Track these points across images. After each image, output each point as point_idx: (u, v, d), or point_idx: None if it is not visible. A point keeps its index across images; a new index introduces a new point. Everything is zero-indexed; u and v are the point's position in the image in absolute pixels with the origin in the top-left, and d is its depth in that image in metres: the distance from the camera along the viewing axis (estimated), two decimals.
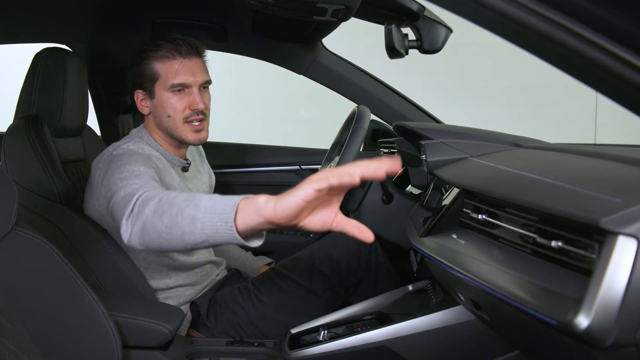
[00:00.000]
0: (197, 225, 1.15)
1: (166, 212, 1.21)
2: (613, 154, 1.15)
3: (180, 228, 1.18)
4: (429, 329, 1.51)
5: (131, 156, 1.62)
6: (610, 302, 0.77)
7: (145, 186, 1.41)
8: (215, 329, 1.84)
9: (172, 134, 1.79)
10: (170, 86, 1.74)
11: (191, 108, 1.76)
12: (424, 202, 1.66)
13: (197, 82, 1.76)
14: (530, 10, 0.86)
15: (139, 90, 1.80)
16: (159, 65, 1.75)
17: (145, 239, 1.26)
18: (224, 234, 1.12)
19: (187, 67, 1.75)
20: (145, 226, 1.24)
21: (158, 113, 1.78)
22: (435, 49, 1.80)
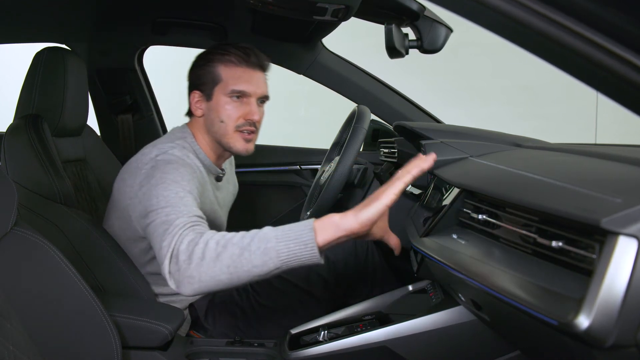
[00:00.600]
0: (271, 255, 1.24)
1: (224, 255, 1.27)
2: (613, 154, 1.15)
3: (249, 263, 1.26)
4: (429, 329, 1.51)
5: (177, 169, 1.59)
6: (611, 302, 0.77)
7: (188, 221, 1.42)
8: (214, 330, 1.84)
9: (221, 141, 1.78)
10: (230, 91, 1.73)
11: (246, 118, 1.75)
12: (424, 202, 1.65)
13: (257, 93, 1.76)
14: (530, 10, 0.86)
15: (197, 91, 1.78)
16: (224, 69, 1.74)
17: (197, 287, 1.31)
18: (303, 256, 1.24)
19: (250, 76, 1.75)
20: (200, 275, 1.29)
21: (211, 116, 1.77)
22: (435, 49, 1.80)
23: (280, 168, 2.76)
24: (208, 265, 1.29)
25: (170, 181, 1.54)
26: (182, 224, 1.41)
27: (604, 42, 0.83)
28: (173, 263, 1.35)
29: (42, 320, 1.39)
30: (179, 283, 1.33)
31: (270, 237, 1.26)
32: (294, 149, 2.81)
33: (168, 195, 1.50)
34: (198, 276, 1.30)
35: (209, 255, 1.29)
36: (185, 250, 1.33)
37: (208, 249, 1.30)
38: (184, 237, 1.36)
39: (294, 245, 1.24)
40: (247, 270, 1.27)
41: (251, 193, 2.57)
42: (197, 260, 1.30)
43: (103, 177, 2.19)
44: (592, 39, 0.84)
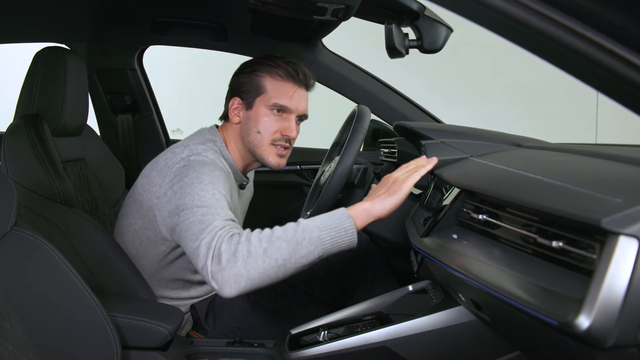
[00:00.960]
0: (317, 244, 1.36)
1: (271, 250, 1.34)
2: (614, 153, 1.15)
3: (297, 254, 1.34)
4: (430, 330, 1.50)
5: (213, 171, 1.60)
6: (611, 302, 0.77)
7: (225, 223, 1.43)
8: (214, 331, 1.84)
9: (254, 151, 1.78)
10: (272, 104, 1.74)
11: (283, 133, 1.76)
12: (424, 202, 1.65)
13: (298, 110, 1.77)
14: (530, 10, 0.86)
15: (237, 97, 1.79)
16: (270, 81, 1.75)
17: (243, 285, 1.34)
18: (344, 242, 1.39)
19: (295, 93, 1.75)
20: (249, 272, 1.33)
21: (249, 126, 1.77)
22: (435, 49, 1.80)
23: None
24: (256, 261, 1.33)
25: (207, 182, 1.54)
26: (220, 225, 1.42)
27: (604, 41, 0.83)
28: (215, 263, 1.35)
29: (42, 320, 1.39)
30: (224, 283, 1.34)
31: (312, 227, 1.36)
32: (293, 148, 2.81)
33: (205, 196, 1.51)
34: (246, 273, 1.33)
35: (256, 251, 1.33)
36: (227, 249, 1.35)
37: (252, 245, 1.34)
38: (224, 237, 1.38)
39: (335, 233, 1.37)
40: (294, 261, 1.35)
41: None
42: (244, 258, 1.33)
43: (103, 177, 2.19)
44: (593, 39, 0.84)
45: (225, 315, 1.84)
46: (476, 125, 1.69)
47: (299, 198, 2.70)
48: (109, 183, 2.25)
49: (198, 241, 1.41)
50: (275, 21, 2.12)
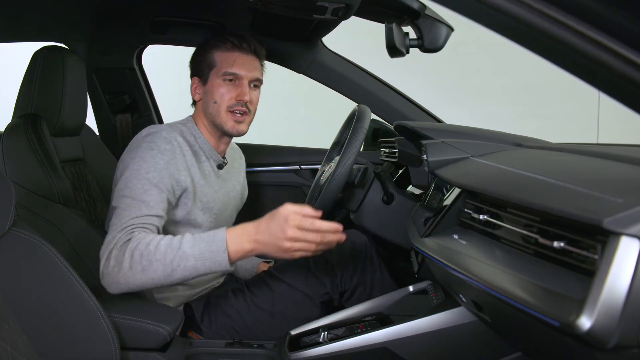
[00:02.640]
0: (191, 271, 1.51)
1: (149, 270, 1.49)
2: (616, 153, 1.15)
3: (170, 277, 1.51)
4: (430, 331, 1.50)
5: (154, 157, 1.68)
6: (613, 303, 0.77)
7: (134, 222, 1.57)
8: (210, 331, 1.84)
9: (215, 121, 1.85)
10: (223, 74, 1.83)
11: (237, 98, 1.82)
12: (425, 202, 1.65)
13: (248, 76, 1.84)
14: (531, 8, 0.85)
15: (196, 77, 1.89)
16: (219, 54, 1.85)
17: (124, 290, 1.53)
18: (216, 271, 1.54)
19: (242, 60, 1.84)
20: (128, 283, 1.51)
21: (207, 98, 1.86)
22: (436, 48, 1.79)
23: (280, 168, 2.75)
24: (134, 276, 1.49)
25: (143, 171, 1.65)
26: (126, 225, 1.56)
27: (605, 40, 0.83)
28: (105, 265, 1.52)
29: (41, 321, 1.39)
30: (107, 285, 1.53)
31: (190, 255, 1.50)
32: (293, 148, 2.80)
33: (135, 185, 1.63)
34: (126, 284, 1.51)
35: (135, 268, 1.49)
36: (115, 256, 1.51)
37: (134, 261, 1.49)
38: (119, 242, 1.53)
39: (210, 264, 1.51)
40: (169, 281, 1.52)
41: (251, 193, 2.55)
42: (125, 271, 1.49)
43: (102, 177, 2.18)
44: (594, 38, 0.83)
45: (221, 315, 1.84)
46: (477, 125, 1.69)
47: (299, 198, 2.69)
48: (107, 183, 2.24)
49: (108, 235, 1.57)
50: (275, 20, 2.12)
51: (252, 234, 1.52)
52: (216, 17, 2.33)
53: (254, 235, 1.51)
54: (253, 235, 1.51)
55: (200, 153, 1.86)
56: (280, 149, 2.81)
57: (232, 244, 1.51)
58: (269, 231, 1.49)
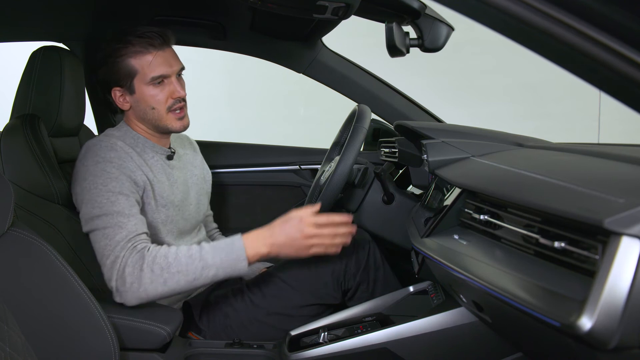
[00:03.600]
0: (211, 279, 1.58)
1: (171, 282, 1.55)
2: (617, 153, 1.15)
3: (191, 285, 1.57)
4: (430, 331, 1.50)
5: (105, 168, 1.66)
6: (614, 303, 0.77)
7: (126, 236, 1.58)
8: (208, 331, 1.83)
9: (158, 125, 1.81)
10: (150, 79, 1.76)
11: (173, 97, 1.79)
12: (425, 202, 1.65)
13: (174, 71, 1.79)
14: (532, 8, 0.85)
15: (117, 88, 1.81)
16: (134, 60, 1.76)
17: (144, 301, 1.57)
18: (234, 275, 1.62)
19: (162, 58, 1.78)
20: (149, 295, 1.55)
21: (141, 107, 1.80)
22: (436, 48, 1.79)
23: (280, 168, 2.74)
24: (156, 289, 1.54)
25: (100, 185, 1.64)
26: (120, 240, 1.57)
27: (607, 40, 0.83)
28: (120, 284, 1.54)
29: (39, 321, 1.38)
30: (127, 301, 1.55)
31: (211, 265, 1.57)
32: (293, 148, 2.80)
33: (101, 202, 1.62)
34: (147, 297, 1.55)
35: (157, 280, 1.53)
36: (131, 273, 1.53)
37: (155, 275, 1.53)
38: (127, 259, 1.55)
39: (230, 271, 1.59)
40: (189, 288, 1.59)
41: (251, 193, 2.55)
42: (146, 285, 1.53)
43: None
44: (595, 37, 0.83)
45: (219, 315, 1.84)
46: (477, 125, 1.69)
47: (299, 198, 2.69)
48: None
49: (104, 259, 1.58)
50: (275, 20, 2.11)
51: (267, 237, 1.61)
52: (216, 17, 2.32)
53: (269, 239, 1.61)
54: (269, 239, 1.61)
55: (145, 151, 1.83)
56: (279, 149, 2.81)
57: (250, 248, 1.60)
58: (284, 233, 1.61)
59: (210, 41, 2.51)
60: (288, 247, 1.61)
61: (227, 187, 2.67)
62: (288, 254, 1.63)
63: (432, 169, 1.49)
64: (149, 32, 1.77)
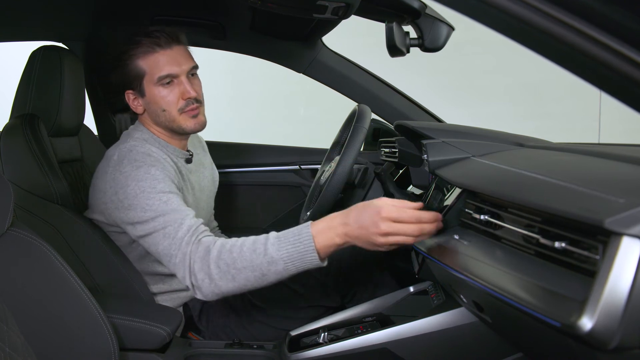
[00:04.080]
0: (282, 274, 1.48)
1: (239, 277, 1.48)
2: (617, 153, 1.15)
3: (261, 281, 1.50)
4: (431, 331, 1.49)
5: (149, 172, 1.63)
6: (615, 304, 0.77)
7: (187, 231, 1.55)
8: (207, 331, 1.83)
9: (171, 127, 1.77)
10: (157, 80, 1.72)
11: (184, 98, 1.74)
12: (425, 202, 1.64)
13: (183, 70, 1.74)
14: (532, 8, 0.85)
15: (129, 90, 1.78)
16: (142, 61, 1.72)
17: (219, 296, 1.53)
18: (307, 267, 1.47)
19: (169, 57, 1.73)
20: (221, 290, 1.51)
21: (153, 109, 1.76)
22: (436, 47, 1.79)
23: (280, 168, 2.75)
24: (227, 284, 1.49)
25: (148, 188, 1.60)
26: (184, 236, 1.54)
27: (607, 40, 0.83)
28: (194, 279, 1.51)
29: (39, 321, 1.38)
30: (205, 294, 1.53)
31: (278, 259, 1.45)
32: (293, 148, 2.80)
33: (153, 204, 1.59)
34: (220, 292, 1.51)
35: (225, 277, 1.48)
36: (201, 269, 1.50)
37: (222, 272, 1.48)
38: (195, 256, 1.51)
39: (300, 264, 1.45)
40: (262, 285, 1.51)
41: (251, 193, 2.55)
42: (217, 280, 1.49)
43: None
44: (596, 37, 0.83)
45: (218, 314, 1.84)
46: (478, 125, 1.69)
47: (299, 198, 2.69)
48: None
49: (172, 261, 1.56)
50: (275, 19, 2.11)
51: (340, 227, 1.42)
52: (216, 17, 2.32)
53: (342, 229, 1.41)
54: (342, 229, 1.41)
55: (170, 155, 1.78)
56: (279, 149, 2.81)
57: (320, 240, 1.43)
58: (359, 224, 1.38)
59: (210, 41, 2.51)
60: (362, 240, 1.38)
61: (228, 187, 2.66)
62: (362, 246, 1.41)
63: (432, 169, 1.49)
64: (156, 32, 1.73)
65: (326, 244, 1.43)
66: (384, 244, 1.36)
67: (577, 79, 0.91)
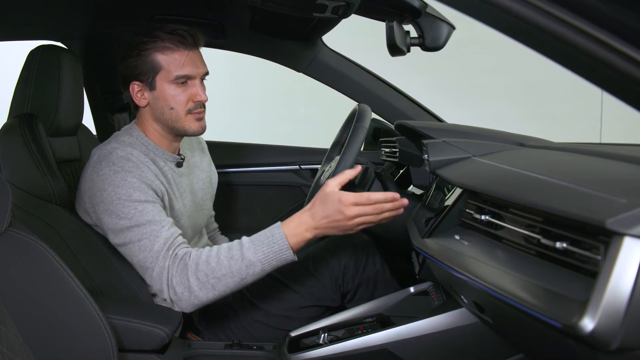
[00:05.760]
0: (259, 274, 1.58)
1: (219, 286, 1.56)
2: (619, 153, 1.15)
3: (239, 284, 1.58)
4: (431, 332, 1.49)
5: (125, 178, 1.64)
6: (616, 304, 0.76)
7: (164, 244, 1.60)
8: (206, 332, 1.83)
9: (174, 126, 1.77)
10: (174, 78, 1.71)
11: (194, 100, 1.74)
12: (426, 202, 1.64)
13: (199, 73, 1.75)
14: (534, 7, 0.85)
15: (136, 82, 1.76)
16: (162, 56, 1.71)
17: (198, 306, 1.61)
18: (282, 264, 1.59)
19: (190, 58, 1.73)
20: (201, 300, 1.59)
21: (159, 105, 1.75)
22: (437, 47, 1.78)
23: (279, 168, 2.74)
24: (207, 294, 1.57)
25: (124, 196, 1.62)
26: (160, 250, 1.60)
27: (608, 39, 0.83)
28: (172, 294, 1.59)
29: (37, 322, 1.38)
30: (183, 308, 1.61)
31: (255, 261, 1.55)
32: (293, 148, 2.80)
33: (128, 213, 1.61)
34: (199, 302, 1.59)
35: (205, 286, 1.56)
36: (179, 282, 1.57)
37: (201, 282, 1.56)
38: (172, 269, 1.58)
39: (276, 263, 1.57)
40: (238, 288, 1.60)
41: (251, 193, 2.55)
42: (196, 291, 1.56)
43: None
44: (597, 36, 0.83)
45: (218, 315, 1.84)
46: (479, 124, 1.68)
47: (299, 198, 2.69)
48: None
49: (148, 272, 1.62)
50: (275, 18, 2.11)
51: (309, 222, 1.56)
52: (215, 16, 2.31)
53: (311, 222, 1.56)
54: (311, 223, 1.56)
55: (156, 160, 1.77)
56: (279, 149, 2.81)
57: (292, 236, 1.56)
58: (325, 215, 1.54)
59: (209, 40, 2.49)
60: (332, 228, 1.55)
61: (227, 187, 2.66)
62: (334, 234, 1.58)
63: (432, 169, 1.49)
64: (180, 30, 1.73)
65: (298, 240, 1.57)
66: (352, 227, 1.54)
67: (579, 78, 0.91)
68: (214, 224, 2.23)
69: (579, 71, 0.90)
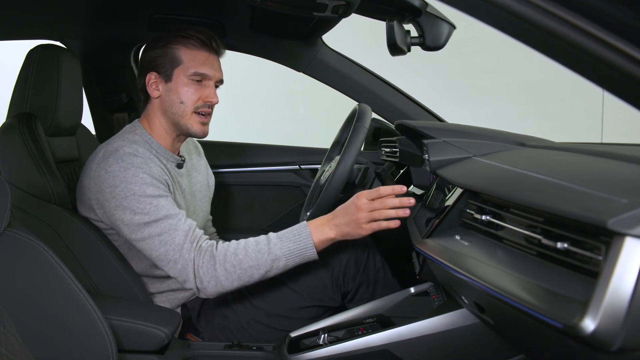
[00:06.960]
0: (282, 269, 1.65)
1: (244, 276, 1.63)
2: (620, 153, 1.15)
3: (263, 277, 1.65)
4: (432, 333, 1.49)
5: (137, 174, 1.65)
6: (617, 305, 0.76)
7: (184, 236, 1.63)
8: (206, 332, 1.83)
9: (178, 122, 1.80)
10: (192, 73, 1.76)
11: (205, 100, 1.79)
12: (426, 202, 1.64)
13: (215, 77, 1.81)
14: (534, 6, 0.84)
15: (153, 72, 1.79)
16: (185, 51, 1.77)
17: (222, 293, 1.66)
18: (305, 261, 1.66)
19: (211, 60, 1.80)
20: (225, 288, 1.64)
21: (170, 97, 1.79)
22: (437, 46, 1.78)
23: (279, 168, 2.74)
24: (232, 283, 1.62)
25: (139, 192, 1.64)
26: (182, 242, 1.62)
27: (609, 38, 0.83)
28: (198, 282, 1.62)
29: (36, 323, 1.38)
30: (209, 294, 1.65)
31: (280, 256, 1.62)
32: (293, 148, 2.79)
33: (144, 209, 1.63)
34: (224, 290, 1.64)
35: (231, 277, 1.61)
36: (206, 273, 1.61)
37: (228, 272, 1.61)
38: (198, 260, 1.62)
39: (299, 260, 1.64)
40: (260, 279, 1.65)
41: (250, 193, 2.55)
42: (222, 280, 1.61)
43: None
44: (598, 36, 0.83)
45: (217, 315, 1.84)
46: (479, 124, 1.68)
47: (299, 198, 2.68)
48: None
49: (171, 264, 1.63)
50: (274, 18, 2.10)
51: (330, 219, 1.64)
52: (215, 15, 2.31)
53: (333, 220, 1.64)
54: (332, 220, 1.64)
55: (160, 158, 1.80)
56: (279, 149, 2.81)
57: (316, 234, 1.63)
58: (344, 212, 1.62)
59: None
60: (350, 225, 1.60)
61: (227, 187, 2.66)
62: (352, 232, 1.62)
63: (433, 169, 1.49)
64: (209, 34, 1.81)
65: (322, 239, 1.63)
66: (364, 220, 1.59)
67: (580, 78, 0.90)
68: (212, 228, 2.23)
69: (580, 70, 0.90)
